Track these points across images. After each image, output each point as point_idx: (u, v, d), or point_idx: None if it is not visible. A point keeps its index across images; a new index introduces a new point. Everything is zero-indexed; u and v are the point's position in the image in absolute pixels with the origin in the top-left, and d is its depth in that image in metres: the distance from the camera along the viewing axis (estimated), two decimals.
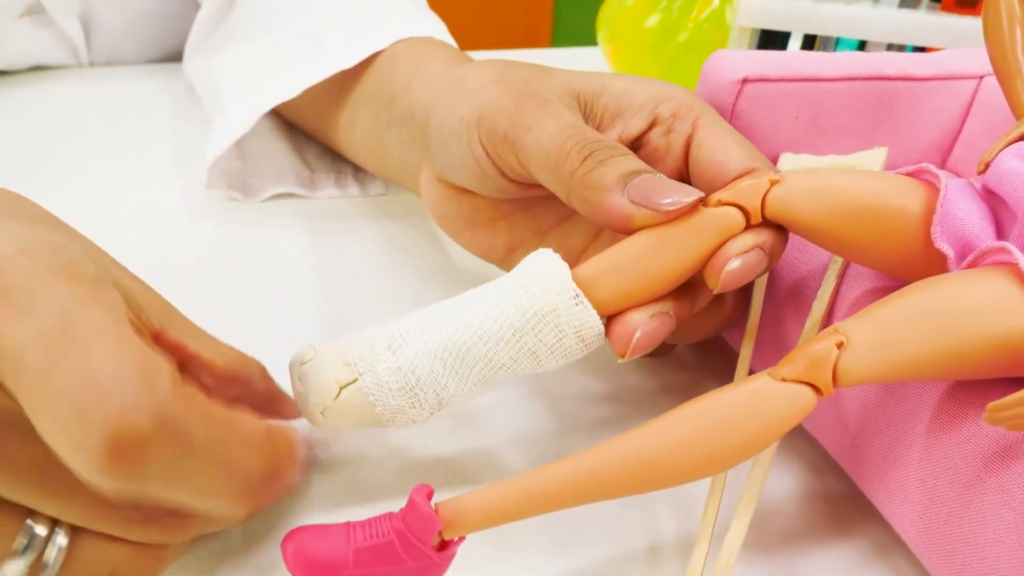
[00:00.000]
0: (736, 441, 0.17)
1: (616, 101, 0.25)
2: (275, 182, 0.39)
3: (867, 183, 0.21)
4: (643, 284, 0.20)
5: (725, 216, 0.21)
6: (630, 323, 0.20)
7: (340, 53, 0.34)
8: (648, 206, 0.20)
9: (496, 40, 1.70)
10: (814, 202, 0.21)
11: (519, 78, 0.25)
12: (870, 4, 0.42)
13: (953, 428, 0.19)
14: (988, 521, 0.18)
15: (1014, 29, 0.22)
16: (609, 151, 0.22)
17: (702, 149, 0.24)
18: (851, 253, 0.22)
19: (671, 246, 0.20)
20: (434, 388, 0.20)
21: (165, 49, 0.55)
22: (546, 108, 0.23)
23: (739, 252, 0.20)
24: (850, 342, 0.18)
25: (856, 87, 0.28)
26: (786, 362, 0.18)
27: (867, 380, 0.18)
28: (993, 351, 0.17)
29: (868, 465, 0.21)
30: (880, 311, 0.18)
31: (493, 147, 0.24)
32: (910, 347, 0.17)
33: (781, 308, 0.25)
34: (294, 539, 0.17)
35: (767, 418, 0.17)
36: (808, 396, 0.18)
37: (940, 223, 0.19)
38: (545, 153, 0.22)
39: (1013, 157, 0.20)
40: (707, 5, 0.51)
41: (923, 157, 0.31)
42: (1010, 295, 0.17)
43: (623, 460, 0.17)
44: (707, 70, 0.28)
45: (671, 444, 0.17)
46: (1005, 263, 0.18)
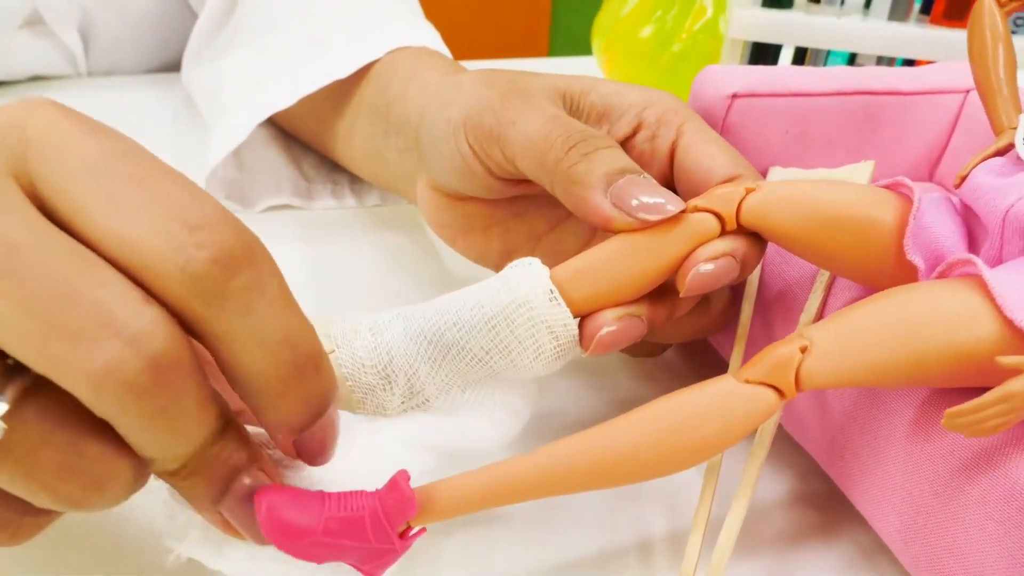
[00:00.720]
0: (698, 440, 0.18)
1: (603, 100, 0.25)
2: (272, 193, 0.39)
3: (842, 193, 0.21)
4: (616, 286, 0.21)
5: (700, 222, 0.21)
6: (598, 321, 0.21)
7: (337, 61, 0.35)
8: (629, 213, 0.21)
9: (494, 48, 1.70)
10: (789, 210, 0.21)
11: (505, 79, 0.25)
12: (860, 17, 0.43)
13: (934, 439, 0.19)
14: (970, 530, 0.18)
15: (997, 47, 0.22)
16: (594, 142, 0.22)
17: (687, 155, 0.24)
18: (825, 262, 0.22)
19: (645, 251, 0.21)
20: (406, 371, 0.20)
21: (163, 59, 0.55)
22: (531, 102, 0.24)
23: (708, 258, 0.21)
24: (813, 346, 0.18)
25: (844, 102, 0.29)
26: (750, 364, 0.18)
27: (829, 384, 0.18)
28: (953, 360, 0.18)
29: (853, 474, 0.22)
30: (845, 317, 0.18)
31: (479, 143, 0.24)
32: (872, 353, 0.18)
33: (770, 315, 0.25)
34: (268, 495, 0.16)
35: (728, 419, 0.18)
36: (771, 398, 0.18)
37: (912, 235, 0.20)
38: (530, 143, 0.23)
39: (987, 172, 0.20)
40: (701, 16, 0.51)
41: (911, 170, 0.31)
42: (971, 307, 0.18)
43: (588, 455, 0.18)
44: (697, 85, 0.28)
45: (635, 441, 0.18)
46: (971, 275, 0.18)
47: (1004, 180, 0.20)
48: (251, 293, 0.15)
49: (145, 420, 0.14)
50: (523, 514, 0.19)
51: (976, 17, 0.23)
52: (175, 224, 0.14)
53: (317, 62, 0.35)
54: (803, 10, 0.43)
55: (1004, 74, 0.22)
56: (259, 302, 0.15)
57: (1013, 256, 0.19)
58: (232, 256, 0.14)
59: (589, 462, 0.18)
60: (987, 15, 0.22)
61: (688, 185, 0.25)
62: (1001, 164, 0.21)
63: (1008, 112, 0.22)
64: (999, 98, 0.22)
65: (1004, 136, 0.21)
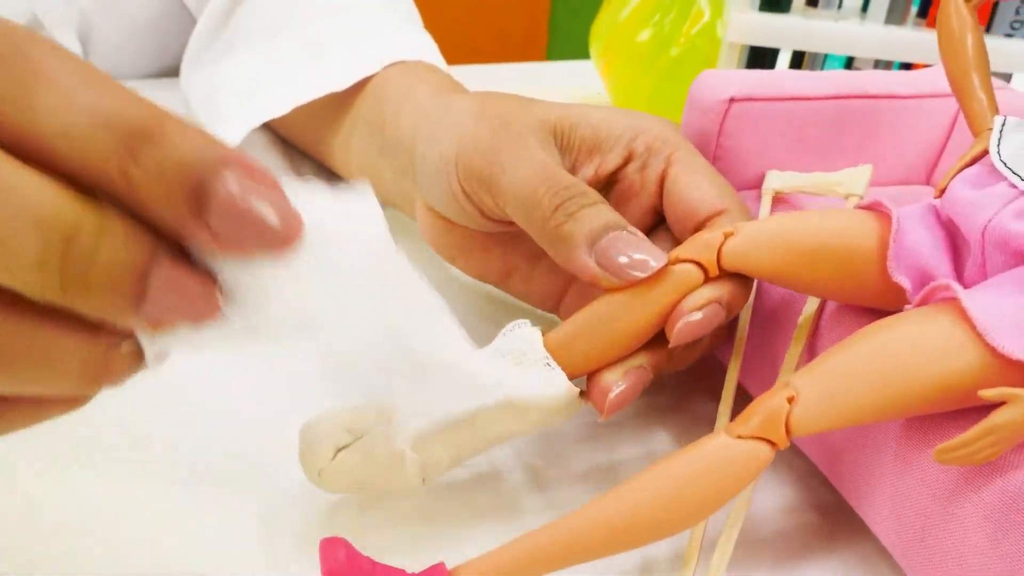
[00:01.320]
0: (700, 499, 0.18)
1: (594, 132, 0.26)
2: None
3: (819, 224, 0.21)
4: (611, 344, 0.21)
5: (683, 273, 0.21)
6: (604, 383, 0.22)
7: (334, 72, 0.35)
8: (612, 273, 0.21)
9: (492, 52, 1.71)
10: (768, 250, 0.21)
11: (496, 113, 0.25)
12: (857, 21, 0.43)
13: (926, 441, 0.19)
14: (968, 534, 0.18)
15: (965, 38, 0.22)
16: (579, 200, 0.22)
17: (675, 185, 0.25)
18: (813, 291, 0.22)
19: (634, 307, 0.21)
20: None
21: (162, 64, 0.55)
22: (519, 144, 0.24)
23: (693, 307, 0.21)
24: (800, 396, 0.18)
25: (841, 105, 0.29)
26: (741, 420, 0.19)
27: (819, 429, 0.18)
28: (937, 392, 0.18)
29: (852, 479, 0.22)
30: (828, 362, 0.19)
31: (471, 187, 0.24)
32: (856, 397, 0.18)
33: (768, 323, 0.25)
34: (340, 547, 0.17)
35: (727, 475, 0.18)
36: (764, 451, 0.18)
37: (895, 257, 0.20)
38: (519, 198, 0.23)
39: (964, 184, 0.20)
40: (698, 20, 0.51)
41: (908, 173, 0.32)
42: (950, 336, 0.18)
43: (601, 526, 0.18)
44: (694, 90, 0.28)
45: (637, 507, 0.18)
46: (952, 299, 0.18)
47: (980, 192, 0.20)
48: (21, 87, 0.12)
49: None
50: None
51: (943, 13, 0.22)
52: None
53: (313, 71, 0.35)
54: (800, 14, 0.43)
55: (977, 72, 0.22)
56: (40, 93, 0.12)
57: (997, 270, 0.19)
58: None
59: (603, 532, 0.18)
60: (953, 9, 0.22)
61: (676, 215, 0.25)
62: (977, 174, 0.21)
63: (984, 114, 0.21)
64: (975, 100, 0.22)
65: (980, 140, 0.21)
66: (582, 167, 0.26)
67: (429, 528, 0.23)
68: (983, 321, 0.17)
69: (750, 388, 0.26)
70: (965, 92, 0.22)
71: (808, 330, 0.23)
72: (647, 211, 0.26)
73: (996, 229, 0.19)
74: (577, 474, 0.25)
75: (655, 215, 0.26)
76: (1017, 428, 0.16)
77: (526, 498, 0.24)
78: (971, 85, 0.22)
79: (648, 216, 0.26)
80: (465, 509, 0.24)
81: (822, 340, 0.23)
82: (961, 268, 0.21)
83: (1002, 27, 0.41)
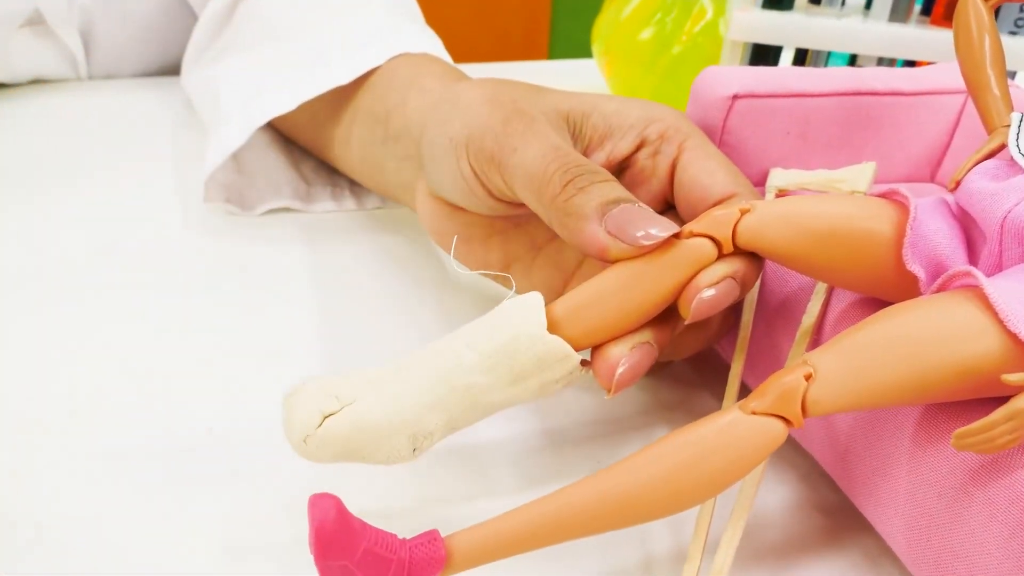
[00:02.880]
0: (710, 475, 0.18)
1: (606, 121, 0.25)
2: (272, 195, 0.39)
3: (837, 207, 0.21)
4: (620, 317, 0.21)
5: (697, 247, 0.21)
6: (612, 357, 0.21)
7: (336, 68, 0.35)
8: (623, 239, 0.21)
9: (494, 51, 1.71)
10: (784, 229, 0.21)
11: (509, 98, 0.25)
12: (860, 18, 0.43)
13: (938, 440, 0.19)
14: (975, 533, 0.18)
15: (983, 38, 0.22)
16: (590, 177, 0.22)
17: (686, 171, 0.25)
18: (825, 276, 0.22)
19: (645, 279, 0.21)
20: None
21: (164, 62, 0.55)
22: (532, 129, 0.24)
23: (709, 283, 0.21)
24: (818, 373, 0.18)
25: (845, 102, 0.29)
26: (756, 395, 0.18)
27: (836, 410, 0.18)
28: (957, 377, 0.17)
29: (857, 478, 0.22)
30: (847, 341, 0.18)
31: (480, 167, 0.24)
32: (876, 377, 0.18)
33: (772, 321, 0.25)
34: (331, 503, 0.17)
35: (738, 451, 0.18)
36: (778, 428, 0.18)
37: (911, 245, 0.20)
38: (529, 175, 0.23)
39: (981, 176, 0.20)
40: (700, 18, 0.51)
41: (913, 171, 0.31)
42: (972, 321, 0.17)
43: (604, 498, 0.18)
44: (697, 86, 0.28)
45: (647, 480, 0.18)
46: (972, 286, 0.18)
47: (999, 184, 0.20)
48: None
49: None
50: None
51: (961, 11, 0.22)
52: None
53: (317, 68, 0.35)
54: (803, 11, 0.43)
55: (993, 69, 0.22)
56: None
57: (1013, 262, 0.19)
58: None
59: (605, 504, 0.18)
60: (972, 8, 0.22)
61: (686, 201, 0.25)
62: (995, 167, 0.20)
63: (999, 109, 0.21)
64: (989, 95, 0.21)
65: (996, 135, 0.21)
66: (594, 152, 0.26)
67: (423, 491, 0.23)
68: (1005, 308, 0.17)
69: (755, 383, 0.26)
70: (981, 88, 0.22)
71: (808, 339, 0.23)
72: (656, 197, 0.26)
73: (1016, 220, 0.19)
74: (575, 468, 0.25)
75: (664, 202, 0.26)
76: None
77: (524, 491, 0.24)
78: (987, 81, 0.22)
79: (657, 202, 0.26)
80: (456, 495, 0.24)
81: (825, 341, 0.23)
82: (975, 261, 0.20)
83: (1006, 25, 0.41)
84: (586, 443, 0.27)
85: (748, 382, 0.26)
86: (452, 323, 0.32)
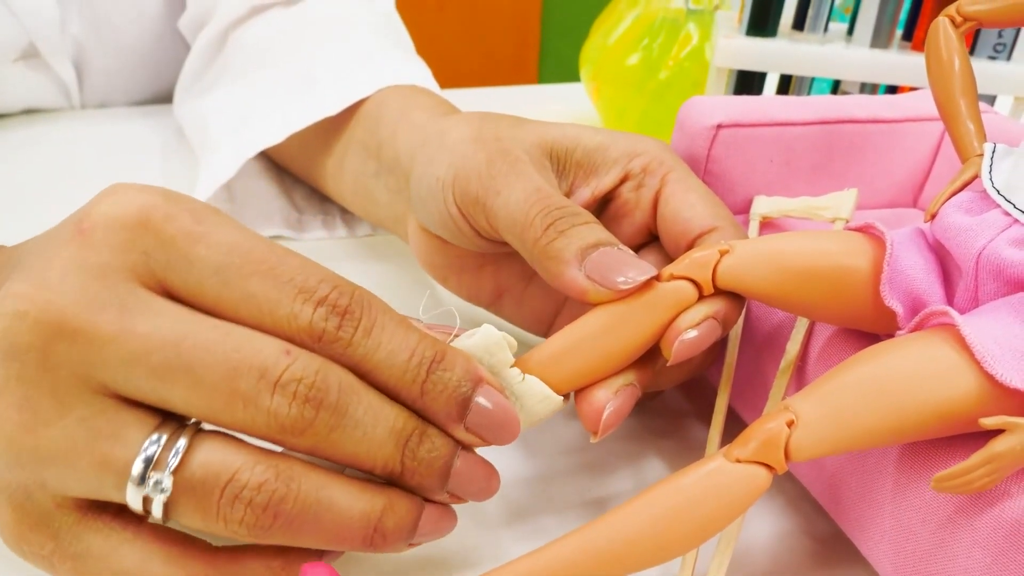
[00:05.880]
0: (696, 524, 0.18)
1: (589, 157, 0.26)
2: (263, 224, 0.39)
3: (814, 245, 0.21)
4: (602, 360, 0.21)
5: (677, 290, 0.21)
6: (597, 401, 0.21)
7: (326, 99, 0.35)
8: (603, 284, 0.21)
9: (484, 74, 1.72)
10: (762, 269, 0.21)
11: (493, 135, 0.25)
12: (843, 44, 0.43)
13: (923, 467, 0.19)
14: (959, 559, 0.18)
15: (952, 65, 0.22)
16: (571, 220, 0.22)
17: (668, 204, 0.25)
18: (806, 312, 0.22)
19: (627, 323, 0.21)
20: None
21: (156, 89, 0.56)
22: (516, 170, 0.24)
23: (691, 324, 0.21)
24: (799, 420, 0.18)
25: (827, 130, 0.29)
26: (739, 443, 0.18)
27: (819, 455, 0.18)
28: (936, 418, 0.18)
29: (845, 504, 0.22)
30: (826, 386, 0.18)
31: (466, 208, 0.25)
32: (857, 421, 0.18)
33: (759, 349, 0.25)
34: (325, 572, 0.17)
35: (724, 500, 0.18)
36: (762, 475, 0.18)
37: (888, 281, 0.20)
38: (512, 218, 0.23)
39: (956, 210, 0.20)
40: (687, 43, 0.52)
41: (896, 196, 0.32)
42: (948, 362, 0.18)
43: (591, 551, 0.18)
44: (682, 116, 0.29)
45: (634, 533, 0.18)
46: (947, 325, 0.18)
47: (973, 219, 0.20)
48: (371, 332, 0.18)
49: (321, 441, 0.18)
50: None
51: (931, 38, 0.22)
52: (299, 300, 0.18)
53: (307, 98, 0.36)
54: (787, 37, 0.44)
55: (963, 97, 0.22)
56: (381, 335, 0.18)
57: (989, 297, 0.19)
58: (349, 310, 0.18)
59: (593, 558, 0.18)
60: (942, 35, 0.22)
61: (669, 234, 0.25)
62: (969, 200, 0.21)
63: (971, 139, 0.22)
64: (961, 123, 0.22)
65: (970, 166, 0.21)
66: (579, 188, 0.26)
67: (410, 555, 0.23)
68: (981, 349, 0.17)
69: (742, 412, 0.26)
70: (953, 117, 0.22)
71: (792, 367, 0.23)
72: (640, 229, 0.26)
73: (991, 257, 0.19)
74: (565, 499, 0.25)
75: (648, 233, 0.27)
76: (1016, 457, 0.16)
77: (512, 523, 0.24)
78: (958, 111, 0.22)
79: (641, 234, 0.27)
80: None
81: (809, 374, 0.23)
82: (952, 293, 0.21)
83: (985, 50, 0.42)
84: (574, 472, 0.27)
85: (736, 408, 0.27)
86: None
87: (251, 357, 0.17)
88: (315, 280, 0.18)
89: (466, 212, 0.25)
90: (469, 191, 0.24)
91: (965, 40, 0.23)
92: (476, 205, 0.24)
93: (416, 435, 0.19)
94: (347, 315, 0.18)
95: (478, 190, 0.24)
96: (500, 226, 0.24)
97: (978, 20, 0.22)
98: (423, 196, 0.26)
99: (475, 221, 0.25)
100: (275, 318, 0.18)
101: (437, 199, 0.25)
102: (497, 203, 0.23)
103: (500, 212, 0.23)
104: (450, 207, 0.25)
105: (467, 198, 0.24)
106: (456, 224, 0.25)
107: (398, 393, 0.19)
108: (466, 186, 0.24)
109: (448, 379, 0.19)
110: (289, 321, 0.17)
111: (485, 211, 0.24)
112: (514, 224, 0.23)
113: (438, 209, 0.26)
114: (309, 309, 0.18)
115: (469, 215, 0.25)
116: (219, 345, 0.17)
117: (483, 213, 0.24)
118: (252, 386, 0.17)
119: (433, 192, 0.26)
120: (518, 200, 0.23)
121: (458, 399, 0.19)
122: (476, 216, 0.24)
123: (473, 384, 0.19)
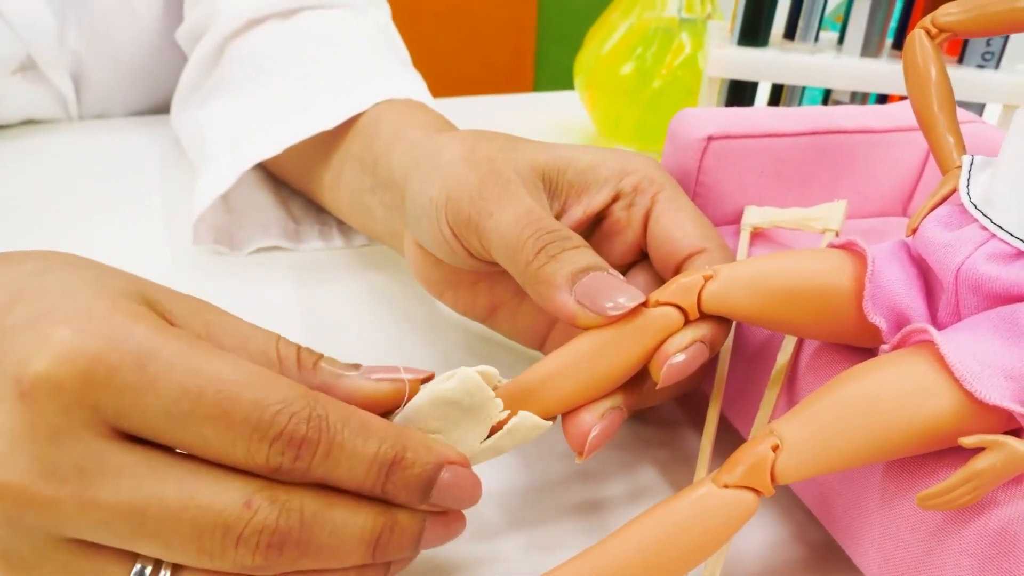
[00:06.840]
0: (685, 549, 0.18)
1: (581, 177, 0.26)
2: (261, 235, 0.40)
3: (795, 265, 0.22)
4: (590, 384, 0.21)
5: (664, 316, 0.22)
6: (583, 423, 0.21)
7: (322, 113, 0.35)
8: (592, 309, 0.21)
9: (480, 84, 1.73)
10: (746, 292, 0.22)
11: (486, 156, 0.25)
12: (833, 53, 0.44)
13: (910, 477, 0.20)
14: (948, 567, 0.19)
15: (928, 74, 0.22)
16: (562, 244, 0.23)
17: (658, 224, 0.25)
18: (792, 331, 0.22)
19: (615, 348, 0.21)
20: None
21: (154, 101, 0.56)
22: (507, 192, 0.24)
23: (678, 348, 0.21)
24: (784, 444, 0.18)
25: (817, 141, 0.30)
26: (727, 468, 0.19)
27: (804, 476, 0.19)
28: (918, 437, 0.18)
29: (835, 513, 0.22)
30: (810, 409, 0.19)
31: (459, 228, 0.25)
32: (840, 443, 0.18)
33: (749, 360, 0.26)
34: None
35: (713, 525, 0.18)
36: (750, 499, 0.19)
37: (871, 298, 0.20)
38: (503, 241, 0.23)
39: (936, 224, 0.21)
40: (680, 53, 0.53)
41: (885, 205, 0.32)
42: (927, 380, 0.18)
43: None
44: (674, 128, 0.29)
45: (626, 559, 0.18)
46: (928, 342, 0.19)
47: (952, 234, 0.20)
48: (329, 454, 0.18)
49: (292, 566, 0.18)
50: None
51: (908, 49, 0.23)
52: (254, 440, 0.18)
53: (303, 111, 0.36)
54: (778, 47, 0.44)
55: (941, 109, 0.22)
56: (340, 454, 0.18)
57: (970, 311, 0.20)
58: (307, 440, 0.18)
59: None
60: (918, 46, 0.22)
61: (658, 253, 0.26)
62: (948, 214, 0.21)
63: (949, 151, 0.22)
64: (939, 135, 0.22)
65: (949, 179, 0.22)
66: (571, 207, 0.26)
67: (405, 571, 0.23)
68: (960, 367, 0.17)
69: (734, 421, 0.27)
70: (931, 130, 0.22)
71: (783, 377, 0.24)
72: (631, 247, 0.27)
73: (969, 272, 0.19)
74: (561, 508, 0.26)
75: (639, 251, 0.27)
76: (996, 474, 0.16)
77: (507, 535, 0.25)
78: (936, 123, 0.22)
79: (632, 252, 0.27)
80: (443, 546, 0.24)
81: (799, 384, 0.23)
82: (935, 306, 0.21)
83: (974, 59, 0.42)
84: (571, 482, 0.27)
85: (729, 417, 0.27)
86: (441, 359, 0.32)
87: (214, 517, 0.17)
88: (270, 414, 0.17)
89: (459, 233, 0.25)
90: (462, 212, 0.24)
91: (948, 50, 0.23)
92: (468, 226, 0.24)
93: (386, 531, 0.19)
94: (304, 445, 0.18)
95: (470, 211, 0.24)
96: (492, 248, 0.24)
97: (952, 30, 0.22)
98: (417, 215, 0.27)
99: (467, 242, 0.25)
100: (233, 459, 0.18)
101: (431, 219, 0.26)
102: (489, 225, 0.24)
103: (492, 234, 0.24)
104: (443, 228, 0.25)
105: (459, 219, 0.25)
106: (449, 244, 0.26)
107: (361, 493, 0.19)
108: (459, 207, 0.24)
109: (408, 476, 0.19)
110: (247, 460, 0.18)
111: (477, 232, 0.24)
112: (506, 246, 0.23)
113: (431, 229, 0.26)
114: (265, 447, 0.18)
115: (462, 236, 0.25)
116: (182, 505, 0.17)
117: (475, 234, 0.24)
118: (217, 543, 0.17)
119: (427, 212, 0.26)
120: (509, 222, 0.23)
121: (419, 488, 0.19)
122: (468, 237, 0.25)
123: (436, 468, 0.20)
